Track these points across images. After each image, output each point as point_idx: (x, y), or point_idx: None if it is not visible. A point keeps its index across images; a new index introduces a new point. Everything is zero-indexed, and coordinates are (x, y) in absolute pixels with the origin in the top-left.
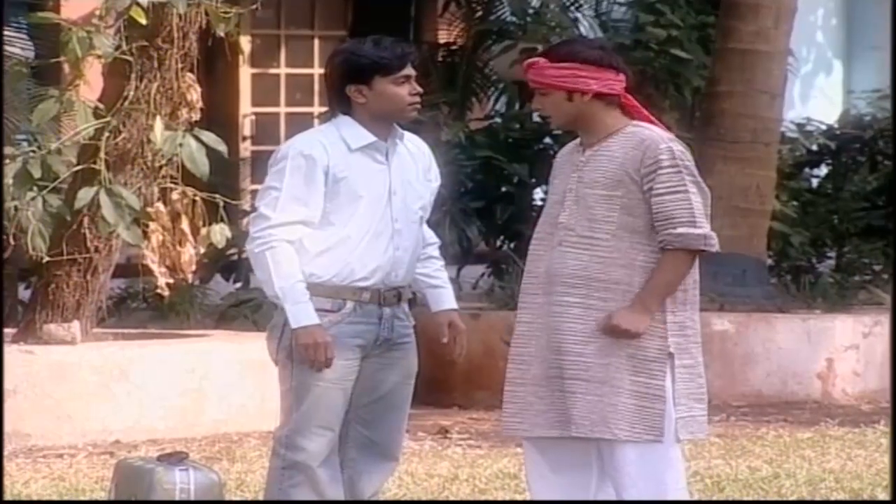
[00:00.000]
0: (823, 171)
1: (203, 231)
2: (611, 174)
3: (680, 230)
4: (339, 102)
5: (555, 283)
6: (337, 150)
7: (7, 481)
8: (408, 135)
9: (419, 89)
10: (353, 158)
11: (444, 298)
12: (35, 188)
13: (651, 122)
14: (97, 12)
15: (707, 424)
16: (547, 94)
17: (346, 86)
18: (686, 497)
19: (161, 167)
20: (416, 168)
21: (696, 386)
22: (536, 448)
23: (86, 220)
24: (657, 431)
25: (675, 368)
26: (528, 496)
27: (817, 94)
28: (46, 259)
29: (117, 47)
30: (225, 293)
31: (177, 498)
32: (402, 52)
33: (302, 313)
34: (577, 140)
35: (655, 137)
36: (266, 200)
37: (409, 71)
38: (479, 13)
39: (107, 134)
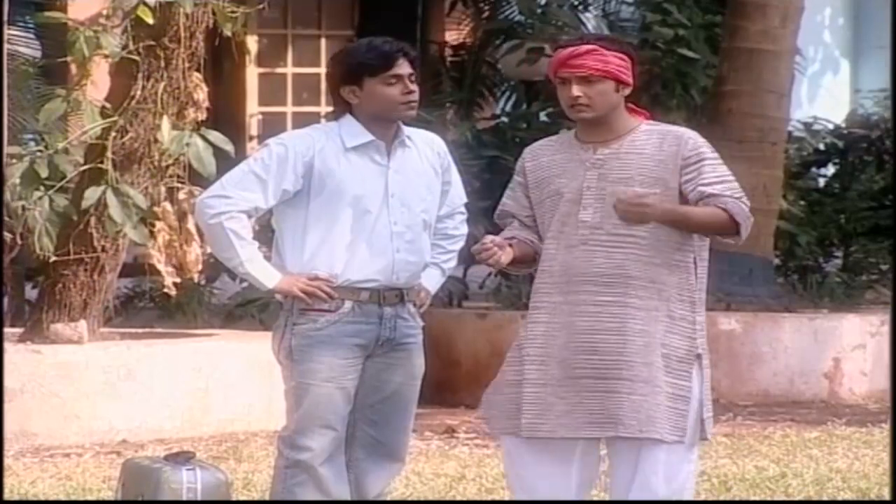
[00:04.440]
0: (830, 170)
1: None
2: (648, 171)
3: (736, 201)
4: (338, 103)
5: (580, 283)
6: (330, 147)
7: (14, 480)
8: (422, 133)
9: (412, 88)
10: (347, 157)
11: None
12: (42, 188)
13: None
14: (104, 12)
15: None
16: (595, 83)
17: (340, 88)
18: (692, 496)
19: (168, 167)
20: (422, 169)
21: (708, 386)
22: (517, 453)
23: (93, 219)
24: (681, 432)
25: (703, 369)
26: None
27: (824, 94)
28: (53, 259)
29: (124, 47)
30: (231, 293)
31: (184, 497)
32: (388, 52)
33: (271, 272)
34: (563, 137)
35: (686, 131)
36: (230, 173)
37: (400, 70)
38: (487, 13)
39: (114, 133)
